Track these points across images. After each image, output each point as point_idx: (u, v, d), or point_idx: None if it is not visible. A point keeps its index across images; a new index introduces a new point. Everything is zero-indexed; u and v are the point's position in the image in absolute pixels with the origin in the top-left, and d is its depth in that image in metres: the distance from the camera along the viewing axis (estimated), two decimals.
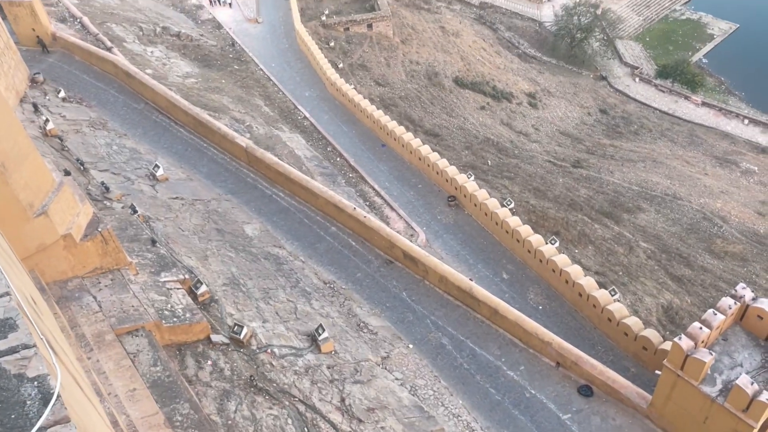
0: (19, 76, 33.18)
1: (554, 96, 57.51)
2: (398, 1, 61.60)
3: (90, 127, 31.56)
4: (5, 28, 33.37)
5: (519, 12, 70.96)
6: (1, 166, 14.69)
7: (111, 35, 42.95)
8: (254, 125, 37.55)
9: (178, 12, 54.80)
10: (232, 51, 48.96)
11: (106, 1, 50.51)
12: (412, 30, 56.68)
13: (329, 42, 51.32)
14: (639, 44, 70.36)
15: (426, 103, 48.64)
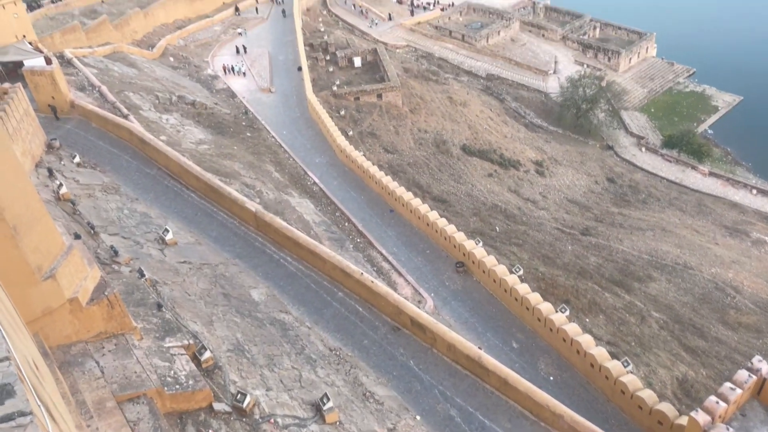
0: (36, 141, 34.00)
1: (561, 164, 58.08)
2: (407, 73, 63.39)
3: (102, 192, 32.01)
4: (26, 96, 34.48)
5: (525, 83, 72.70)
6: (13, 229, 14.82)
7: (128, 103, 44.23)
8: (264, 191, 37.98)
9: (194, 82, 56.59)
10: (245, 119, 50.17)
11: (125, 71, 52.33)
12: (421, 100, 58.05)
13: (340, 111, 52.55)
14: (644, 115, 71.55)
15: (434, 170, 49.21)
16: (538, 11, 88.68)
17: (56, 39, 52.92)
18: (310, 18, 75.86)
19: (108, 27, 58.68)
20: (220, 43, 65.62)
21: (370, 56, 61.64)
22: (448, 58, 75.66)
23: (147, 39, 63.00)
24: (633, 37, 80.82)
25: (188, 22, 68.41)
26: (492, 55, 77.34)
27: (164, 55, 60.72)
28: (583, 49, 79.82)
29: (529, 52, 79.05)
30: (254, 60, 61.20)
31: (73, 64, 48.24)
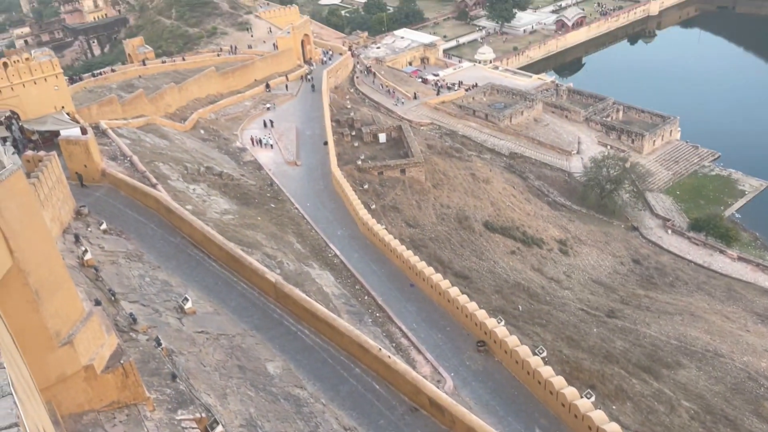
0: (66, 208, 34.75)
1: (585, 244, 57.51)
2: (431, 149, 64.39)
3: (126, 259, 32.29)
4: (59, 164, 35.57)
5: (548, 162, 73.27)
6: (35, 293, 14.87)
7: (157, 173, 45.32)
8: (285, 261, 38.00)
9: (223, 153, 58.05)
10: (270, 190, 50.97)
11: (157, 142, 53.99)
12: (444, 176, 58.62)
13: (363, 185, 53.18)
14: (670, 197, 71.18)
15: (456, 246, 48.99)
16: (561, 93, 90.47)
17: (93, 110, 55.08)
18: (338, 95, 78.26)
19: (143, 100, 61.06)
20: (249, 118, 67.69)
21: (394, 132, 62.92)
22: (471, 136, 76.92)
23: (180, 112, 65.27)
24: (656, 120, 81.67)
25: (220, 97, 70.95)
26: (515, 135, 78.48)
27: (195, 128, 62.68)
28: (606, 130, 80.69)
29: (552, 133, 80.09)
30: (282, 134, 62.82)
31: (107, 134, 49.95)
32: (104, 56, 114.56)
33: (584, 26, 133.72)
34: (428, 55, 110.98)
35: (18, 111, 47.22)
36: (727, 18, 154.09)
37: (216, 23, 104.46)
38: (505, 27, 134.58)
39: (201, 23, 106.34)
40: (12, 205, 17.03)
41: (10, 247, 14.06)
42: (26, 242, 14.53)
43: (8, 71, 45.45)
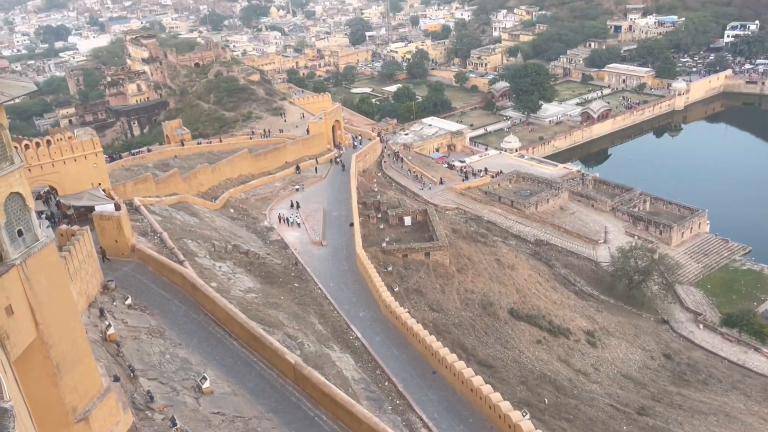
0: (94, 282, 35.24)
1: (614, 336, 55.91)
2: (456, 233, 64.51)
3: (148, 335, 32.29)
4: (91, 238, 36.41)
5: (574, 251, 72.64)
6: (56, 367, 14.88)
7: (185, 250, 46.01)
8: (306, 342, 37.57)
9: (250, 232, 58.91)
10: (294, 270, 51.18)
11: (187, 219, 55.15)
12: (468, 260, 58.34)
13: (387, 266, 53.13)
14: (700, 291, 69.47)
15: (480, 332, 48.02)
16: (587, 183, 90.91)
17: (128, 188, 56.87)
18: (366, 179, 79.75)
19: (177, 179, 62.97)
20: (278, 198, 69.07)
21: (420, 216, 63.42)
22: (496, 222, 77.08)
23: (212, 191, 66.98)
24: (684, 212, 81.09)
25: (251, 177, 72.84)
26: (541, 222, 78.45)
27: (225, 207, 64.07)
28: (633, 221, 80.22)
29: (578, 221, 79.89)
30: (309, 214, 63.76)
31: (140, 211, 51.28)
32: (143, 137, 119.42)
33: (609, 119, 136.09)
34: (455, 143, 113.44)
35: (57, 186, 48.96)
36: (753, 114, 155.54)
37: (252, 108, 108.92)
38: (530, 117, 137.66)
39: (237, 108, 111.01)
40: (42, 278, 17.37)
41: (36, 320, 14.24)
42: (52, 315, 14.70)
43: (51, 148, 47.53)
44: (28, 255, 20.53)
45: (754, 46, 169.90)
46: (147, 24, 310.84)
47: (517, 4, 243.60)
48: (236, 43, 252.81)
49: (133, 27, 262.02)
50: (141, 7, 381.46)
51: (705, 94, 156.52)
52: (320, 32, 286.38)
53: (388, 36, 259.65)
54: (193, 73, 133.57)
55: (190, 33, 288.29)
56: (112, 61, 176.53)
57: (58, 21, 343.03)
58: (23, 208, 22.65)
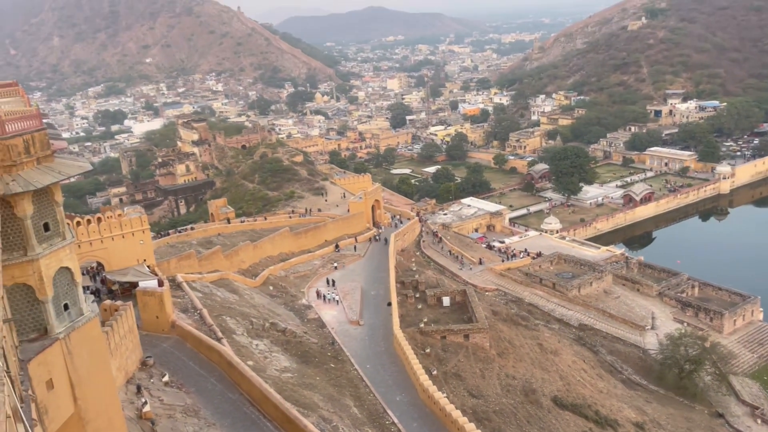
0: (133, 358, 35.42)
1: (665, 429, 52.74)
2: (496, 316, 63.15)
3: (183, 413, 31.94)
4: (133, 314, 36.92)
5: (621, 337, 69.98)
6: None
7: (224, 327, 46.14)
8: (341, 426, 36.51)
9: (288, 310, 58.90)
10: (330, 349, 50.54)
11: (227, 296, 55.63)
12: (509, 344, 56.72)
13: (425, 348, 52.00)
14: (756, 383, 65.54)
15: (522, 421, 45.93)
16: (631, 266, 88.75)
17: (172, 264, 58.04)
18: (404, 258, 79.68)
19: (219, 256, 64.09)
20: (317, 276, 69.35)
21: (459, 297, 62.52)
22: (538, 305, 75.32)
23: (252, 269, 67.78)
24: (735, 298, 77.90)
25: (291, 255, 73.64)
26: (584, 305, 76.30)
27: (265, 284, 64.53)
28: (681, 306, 77.34)
29: (623, 306, 77.43)
30: (347, 293, 63.58)
31: (182, 287, 52.05)
32: (189, 215, 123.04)
33: (653, 201, 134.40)
34: (494, 223, 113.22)
35: (104, 262, 50.34)
36: None
37: (294, 188, 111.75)
38: (571, 199, 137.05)
39: (280, 187, 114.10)
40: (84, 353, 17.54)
41: (75, 395, 14.26)
42: (91, 391, 14.72)
43: (100, 225, 49.25)
44: (72, 329, 20.88)
45: None
46: (198, 108, 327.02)
47: (555, 89, 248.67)
48: (282, 126, 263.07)
49: (186, 111, 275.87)
50: (194, 93, 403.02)
51: (751, 178, 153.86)
52: (362, 116, 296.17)
53: (427, 119, 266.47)
54: (239, 155, 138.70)
55: (239, 117, 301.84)
56: (164, 143, 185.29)
57: (115, 106, 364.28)
58: (71, 282, 23.25)
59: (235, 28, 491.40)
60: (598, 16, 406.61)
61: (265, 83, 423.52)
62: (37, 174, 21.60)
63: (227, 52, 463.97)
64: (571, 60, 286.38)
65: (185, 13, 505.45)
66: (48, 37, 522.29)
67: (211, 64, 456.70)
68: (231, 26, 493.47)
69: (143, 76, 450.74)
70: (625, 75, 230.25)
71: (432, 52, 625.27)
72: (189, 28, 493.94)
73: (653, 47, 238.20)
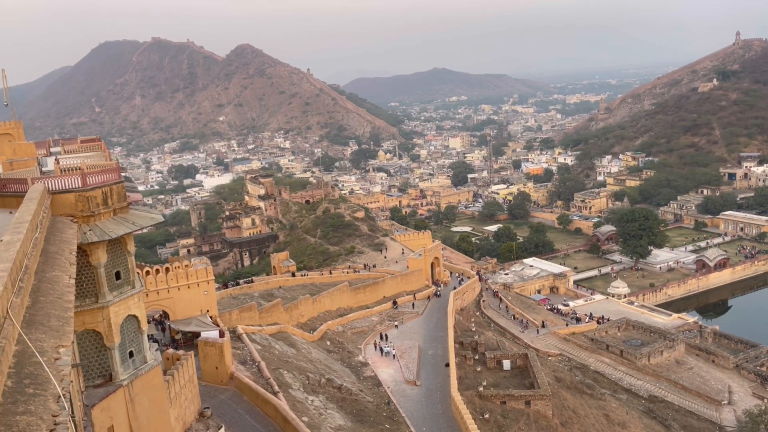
0: (191, 408, 35.69)
1: None
2: (559, 382, 60.57)
3: None
4: (194, 363, 37.44)
5: (694, 411, 65.56)
6: None
7: (280, 381, 46.10)
8: None
9: (344, 366, 58.42)
10: (386, 409, 49.50)
11: (285, 350, 55.80)
12: (573, 413, 54.08)
13: (484, 413, 50.20)
14: None
15: None
16: (705, 336, 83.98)
17: (233, 315, 58.99)
18: (463, 318, 78.22)
19: (279, 309, 64.77)
20: (374, 333, 68.82)
21: (520, 360, 60.50)
22: (604, 373, 71.83)
23: (311, 323, 68.03)
24: None
25: (349, 310, 73.62)
26: (655, 376, 72.24)
27: (323, 339, 64.49)
28: (761, 381, 72.13)
29: (697, 378, 72.88)
30: (404, 351, 62.65)
31: (241, 339, 52.65)
32: (252, 267, 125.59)
33: (728, 268, 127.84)
34: (558, 285, 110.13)
35: (168, 311, 51.69)
36: None
37: (354, 243, 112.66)
38: (639, 263, 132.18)
39: (341, 242, 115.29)
40: (145, 400, 17.81)
41: None
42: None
43: (168, 276, 50.84)
44: (135, 376, 21.33)
45: None
46: (266, 164, 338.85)
47: (622, 150, 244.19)
48: (345, 182, 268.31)
49: (254, 167, 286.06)
50: (262, 150, 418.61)
51: None
52: (424, 174, 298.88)
53: (489, 178, 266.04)
54: (303, 209, 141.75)
55: (304, 173, 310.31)
56: (232, 197, 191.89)
57: (189, 161, 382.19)
58: (137, 330, 23.91)
59: (303, 88, 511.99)
60: (667, 77, 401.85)
61: (331, 141, 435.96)
62: (112, 224, 22.65)
63: (295, 111, 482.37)
64: (639, 121, 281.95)
65: (258, 74, 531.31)
66: (131, 96, 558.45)
67: (280, 122, 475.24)
68: (300, 87, 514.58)
69: (216, 133, 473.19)
70: (696, 137, 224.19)
71: (495, 111, 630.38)
72: (261, 89, 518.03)
73: (726, 109, 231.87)
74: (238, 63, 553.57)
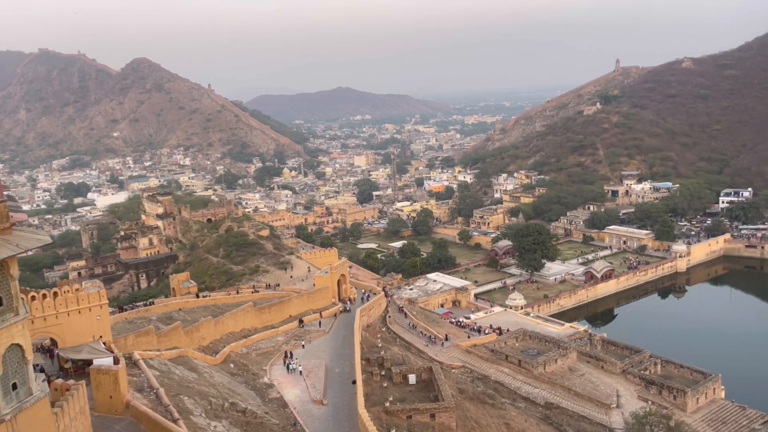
0: None
1: None
2: (462, 394, 62.22)
3: None
4: (86, 393, 35.32)
5: (586, 415, 69.34)
6: None
7: (181, 407, 44.33)
8: None
9: (249, 389, 57.03)
10: (292, 431, 48.77)
11: (185, 374, 53.76)
12: (476, 423, 55.67)
13: (390, 429, 50.58)
14: None
15: None
16: (595, 343, 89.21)
17: (129, 341, 56.15)
18: (370, 334, 78.68)
19: (179, 332, 62.32)
20: (279, 353, 67.73)
21: (425, 374, 61.59)
22: (504, 382, 74.56)
23: (213, 345, 65.93)
24: (697, 376, 78.50)
25: (254, 331, 72.06)
26: (550, 383, 75.85)
27: (225, 362, 62.66)
28: (645, 384, 77.49)
29: (588, 383, 77.23)
30: (310, 371, 62.08)
31: (138, 365, 50.17)
32: (150, 289, 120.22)
33: (613, 279, 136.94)
34: (460, 298, 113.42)
35: (58, 339, 48.41)
36: (756, 278, 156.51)
37: (259, 262, 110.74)
38: (534, 275, 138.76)
39: (245, 261, 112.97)
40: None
41: None
42: None
43: (56, 300, 47.69)
44: (19, 410, 19.93)
45: (749, 212, 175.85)
46: (164, 182, 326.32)
47: (517, 168, 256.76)
48: (249, 200, 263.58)
49: (151, 185, 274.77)
50: (160, 167, 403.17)
51: (706, 257, 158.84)
52: (329, 191, 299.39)
53: (394, 195, 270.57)
54: (204, 228, 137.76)
55: (205, 191, 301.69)
56: (128, 216, 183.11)
57: (79, 179, 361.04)
58: (21, 360, 22.38)
59: (204, 104, 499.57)
60: (555, 101, 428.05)
61: (233, 158, 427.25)
62: None
63: (196, 128, 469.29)
64: (531, 141, 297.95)
65: (156, 89, 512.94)
66: (14, 109, 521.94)
67: (180, 138, 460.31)
68: (201, 103, 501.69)
69: (110, 150, 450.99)
70: (583, 156, 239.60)
71: (398, 131, 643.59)
72: (159, 104, 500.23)
73: (608, 131, 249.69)
74: (135, 77, 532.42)
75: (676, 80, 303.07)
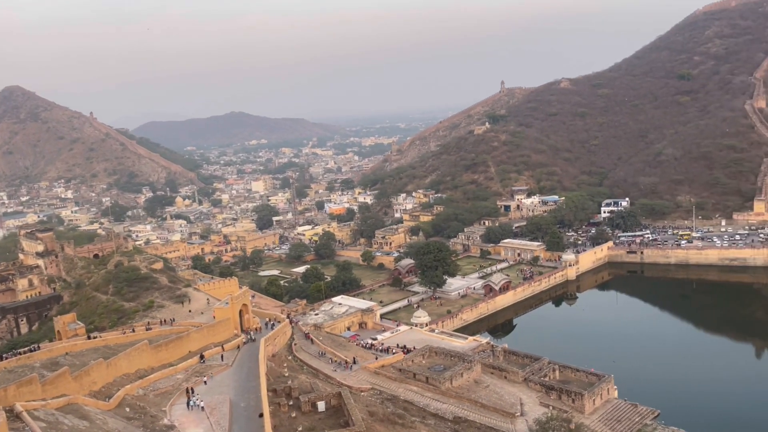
0: None
1: None
2: (372, 416, 61.78)
3: None
4: None
5: (493, 426, 70.92)
6: None
7: None
8: None
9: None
10: None
11: (75, 423, 49.64)
12: None
13: None
14: None
15: None
16: (497, 354, 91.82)
17: (10, 392, 51.14)
18: (275, 363, 76.65)
19: (67, 378, 57.61)
20: (180, 392, 64.30)
21: (334, 400, 60.70)
22: (413, 401, 74.89)
23: (106, 389, 61.52)
24: (592, 379, 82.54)
25: (151, 371, 68.03)
26: (457, 398, 77.06)
27: (120, 406, 58.58)
28: (546, 390, 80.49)
29: (493, 394, 79.20)
30: (213, 408, 59.34)
31: (21, 417, 45.78)
32: (31, 334, 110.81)
33: (510, 290, 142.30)
34: (366, 320, 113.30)
35: None
36: (638, 281, 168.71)
37: (153, 297, 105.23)
38: (437, 292, 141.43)
39: (138, 297, 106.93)
40: None
41: None
42: None
43: None
44: None
45: (628, 220, 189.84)
46: (44, 217, 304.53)
47: (415, 188, 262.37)
48: (139, 232, 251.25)
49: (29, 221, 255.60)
50: (39, 202, 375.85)
51: (593, 265, 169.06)
52: (227, 218, 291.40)
53: (294, 220, 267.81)
54: (91, 265, 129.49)
55: (91, 224, 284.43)
56: (3, 256, 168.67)
57: None
58: None
59: (86, 133, 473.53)
60: (447, 121, 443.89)
61: (121, 189, 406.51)
62: None
63: (78, 158, 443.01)
64: (427, 161, 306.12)
65: (31, 118, 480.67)
66: None
67: (60, 170, 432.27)
68: (82, 132, 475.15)
69: None
70: (476, 174, 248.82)
71: (296, 154, 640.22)
72: (35, 134, 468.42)
73: (497, 149, 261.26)
74: (7, 106, 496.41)
75: (556, 99, 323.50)
